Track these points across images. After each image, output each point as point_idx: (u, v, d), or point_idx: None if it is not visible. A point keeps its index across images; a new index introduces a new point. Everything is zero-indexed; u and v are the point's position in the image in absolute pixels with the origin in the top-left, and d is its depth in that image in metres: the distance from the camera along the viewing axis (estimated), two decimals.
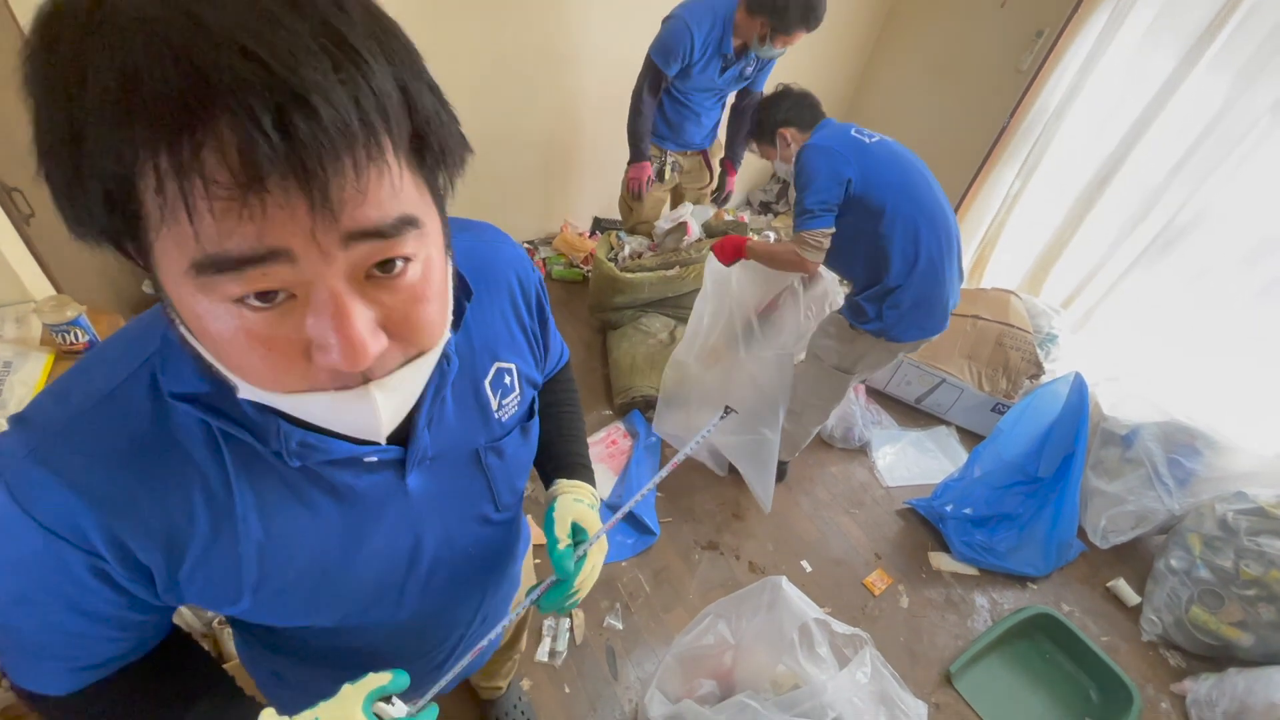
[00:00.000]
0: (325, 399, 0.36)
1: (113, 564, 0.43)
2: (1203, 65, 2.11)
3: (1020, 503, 2.03)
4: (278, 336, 0.33)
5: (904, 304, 1.59)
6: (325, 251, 0.31)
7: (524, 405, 0.62)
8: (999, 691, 1.71)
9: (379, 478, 0.51)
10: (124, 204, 0.29)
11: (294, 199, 0.29)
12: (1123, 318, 2.49)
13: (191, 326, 0.35)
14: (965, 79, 2.84)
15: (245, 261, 0.30)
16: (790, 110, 1.63)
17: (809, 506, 2.14)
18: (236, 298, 0.32)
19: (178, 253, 0.30)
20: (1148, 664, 1.83)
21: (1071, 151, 2.55)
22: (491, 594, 0.73)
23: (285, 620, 0.54)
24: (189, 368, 0.41)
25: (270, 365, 0.34)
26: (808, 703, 1.19)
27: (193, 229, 0.29)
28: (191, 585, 0.46)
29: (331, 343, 0.33)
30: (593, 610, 1.73)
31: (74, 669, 0.49)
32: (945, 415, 2.53)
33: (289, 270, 0.31)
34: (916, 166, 1.57)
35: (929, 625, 1.84)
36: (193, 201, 0.28)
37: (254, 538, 0.46)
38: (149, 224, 0.30)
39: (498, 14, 2.29)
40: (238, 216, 0.29)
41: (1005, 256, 2.89)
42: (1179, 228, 2.25)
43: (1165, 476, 1.99)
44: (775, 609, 1.32)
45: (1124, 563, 2.08)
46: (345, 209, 0.31)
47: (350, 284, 0.33)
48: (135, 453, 0.41)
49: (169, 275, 0.32)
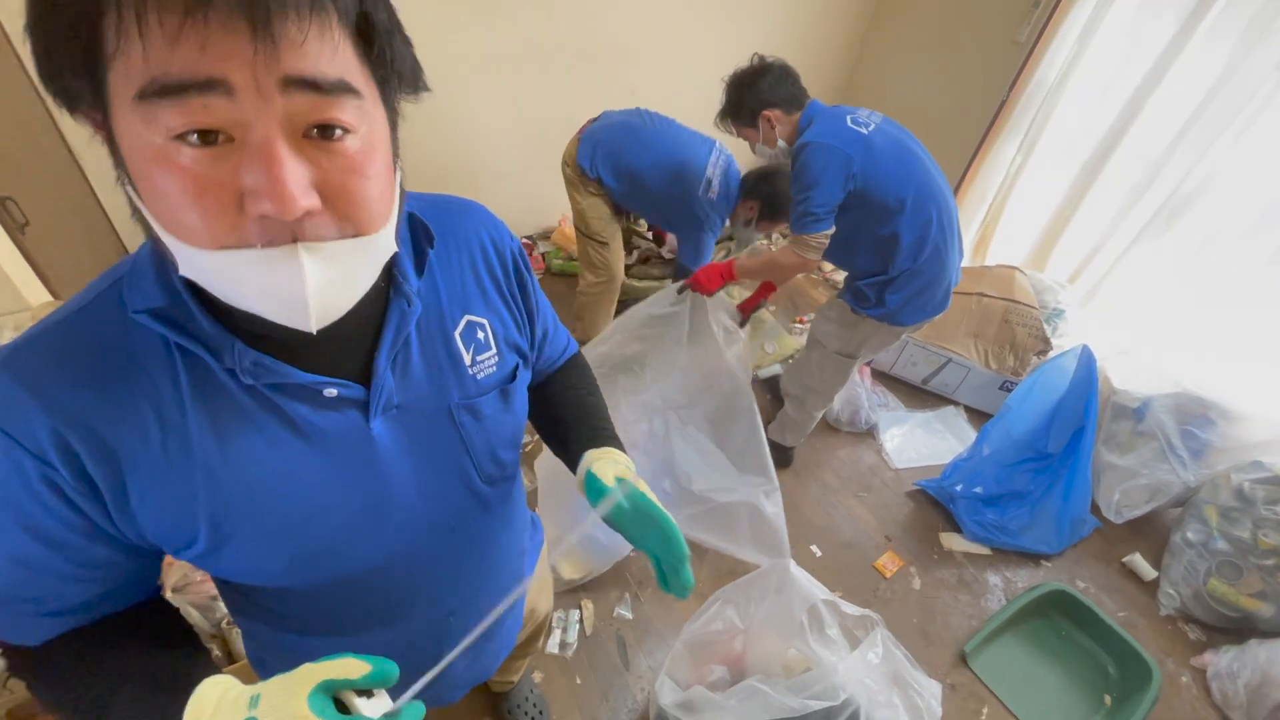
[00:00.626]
0: (254, 256, 0.36)
1: (62, 472, 0.43)
2: (1203, 29, 2.07)
3: (1031, 480, 2.01)
4: (212, 179, 0.35)
5: (908, 289, 1.55)
6: (263, 91, 0.33)
7: (504, 368, 0.61)
8: (1015, 670, 1.69)
9: (340, 417, 0.50)
10: (86, 39, 0.32)
11: (236, 24, 0.31)
12: (1130, 290, 2.45)
13: (135, 175, 0.36)
14: (962, 52, 2.80)
15: (186, 87, 0.32)
16: (773, 88, 1.49)
17: (817, 491, 2.12)
18: (177, 133, 0.33)
19: (127, 84, 0.32)
20: (1166, 638, 1.80)
21: (1073, 123, 2.51)
22: (476, 576, 0.69)
23: (250, 573, 0.52)
24: (151, 284, 0.43)
25: (203, 213, 0.35)
26: (819, 685, 1.18)
27: (142, 48, 0.31)
28: (144, 511, 0.46)
29: (262, 187, 0.34)
30: (602, 601, 1.72)
31: (41, 613, 0.48)
32: (952, 395, 2.50)
33: (227, 105, 0.33)
34: (915, 151, 1.50)
35: (942, 606, 1.82)
36: (145, 17, 0.30)
37: (206, 461, 0.46)
38: (106, 60, 0.32)
39: (492, 9, 2.27)
40: (184, 38, 0.31)
41: (1009, 232, 2.85)
42: (1184, 197, 2.21)
43: (1179, 448, 1.96)
44: (784, 592, 1.31)
45: (1139, 537, 2.05)
46: (284, 47, 0.33)
47: (286, 135, 0.35)
48: (93, 363, 0.43)
49: (120, 116, 0.34)
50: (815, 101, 1.53)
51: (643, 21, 2.59)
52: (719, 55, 2.81)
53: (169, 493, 0.46)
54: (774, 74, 1.51)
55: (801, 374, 1.89)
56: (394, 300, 0.51)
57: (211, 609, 1.30)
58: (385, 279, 0.50)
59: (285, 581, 0.54)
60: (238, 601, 0.62)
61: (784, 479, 2.12)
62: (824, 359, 1.80)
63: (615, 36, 2.57)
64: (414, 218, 0.54)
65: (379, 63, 0.38)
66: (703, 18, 2.72)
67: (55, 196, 1.75)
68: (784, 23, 2.93)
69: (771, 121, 1.52)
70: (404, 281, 0.51)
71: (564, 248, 2.94)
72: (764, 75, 1.50)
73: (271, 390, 0.47)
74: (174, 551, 0.49)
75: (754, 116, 1.54)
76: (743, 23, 2.83)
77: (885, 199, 1.43)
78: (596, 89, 2.67)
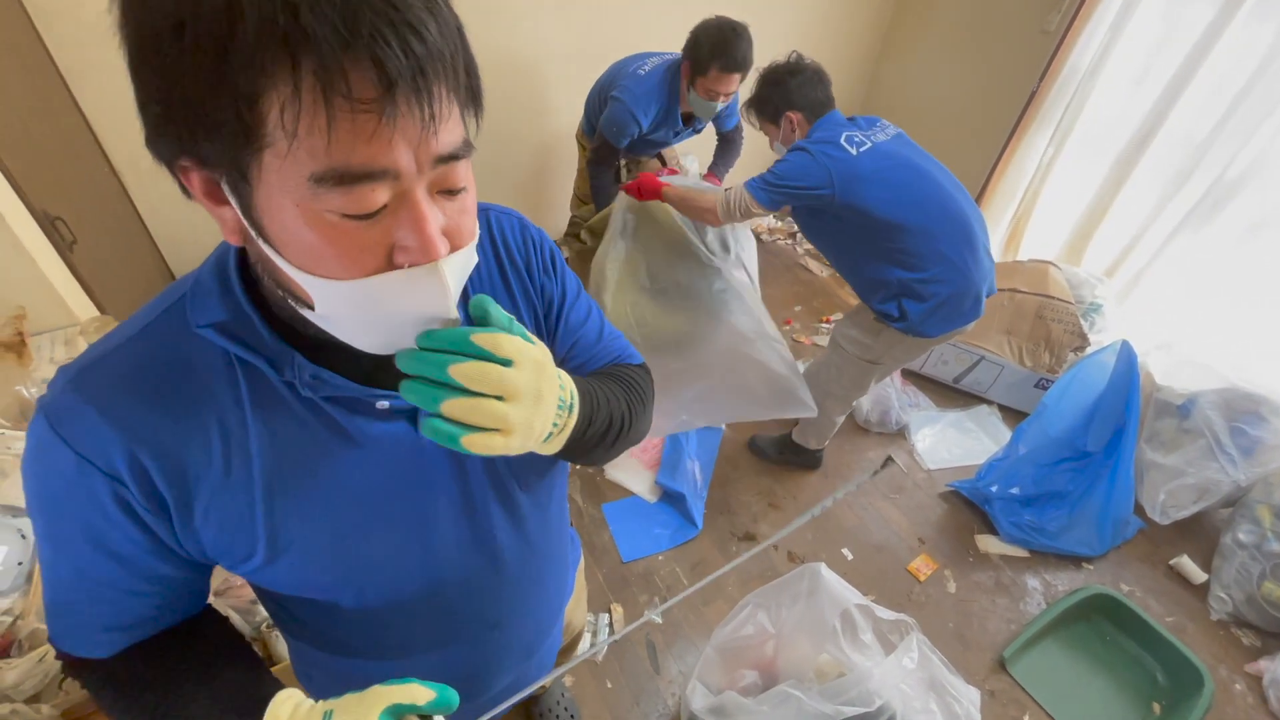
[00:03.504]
0: (398, 276, 0.39)
1: (133, 490, 0.45)
2: (1245, 11, 1.99)
3: (1070, 480, 1.95)
4: (367, 241, 0.38)
5: (928, 302, 1.52)
6: (421, 170, 0.37)
7: None
8: (1057, 676, 1.64)
9: (392, 427, 0.51)
10: (248, 118, 0.33)
11: (412, 113, 0.35)
12: (1172, 282, 2.36)
13: (279, 232, 0.38)
14: (989, 43, 2.74)
15: (363, 176, 0.35)
16: (800, 90, 1.52)
17: (849, 494, 2.09)
18: (345, 214, 0.36)
19: (296, 167, 0.34)
20: (1218, 644, 1.73)
21: (1107, 112, 2.44)
22: (520, 585, 0.68)
23: (304, 585, 0.54)
24: (215, 300, 0.45)
25: (355, 263, 0.39)
26: (853, 690, 1.16)
27: (327, 141, 0.33)
28: (207, 527, 0.47)
29: (412, 244, 0.39)
30: (632, 604, 1.72)
31: (104, 628, 0.51)
32: (985, 394, 2.45)
33: (393, 186, 0.37)
34: (921, 166, 1.50)
35: (979, 610, 1.78)
36: (333, 114, 0.33)
37: (265, 474, 0.47)
38: (260, 141, 0.34)
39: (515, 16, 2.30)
40: (369, 131, 0.34)
41: (1042, 226, 2.78)
42: (1228, 184, 2.13)
43: (1228, 446, 1.89)
44: (815, 596, 1.29)
45: (1187, 539, 1.98)
46: (441, 132, 0.37)
47: (429, 197, 0.39)
48: (160, 382, 0.45)
49: (272, 189, 0.36)
50: (835, 112, 1.55)
51: (661, 22, 2.59)
52: None
53: (231, 507, 0.47)
54: (805, 75, 1.52)
55: (820, 377, 1.87)
56: None
57: (252, 612, 1.33)
58: None
59: (336, 595, 0.55)
60: (286, 620, 0.63)
61: (812, 481, 2.11)
62: (844, 363, 1.78)
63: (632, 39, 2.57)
64: None
65: (472, 110, 0.41)
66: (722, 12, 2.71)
67: (100, 215, 1.82)
68: (805, 16, 2.90)
69: (793, 124, 1.55)
70: None
71: None
72: (795, 75, 1.52)
73: (328, 403, 0.48)
74: (231, 565, 0.50)
75: (778, 114, 1.56)
76: (764, 19, 2.81)
77: (879, 214, 1.45)
78: None
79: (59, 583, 0.50)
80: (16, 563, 1.05)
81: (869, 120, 1.55)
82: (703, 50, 1.77)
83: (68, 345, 1.43)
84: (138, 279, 1.99)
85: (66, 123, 1.75)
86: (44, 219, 1.40)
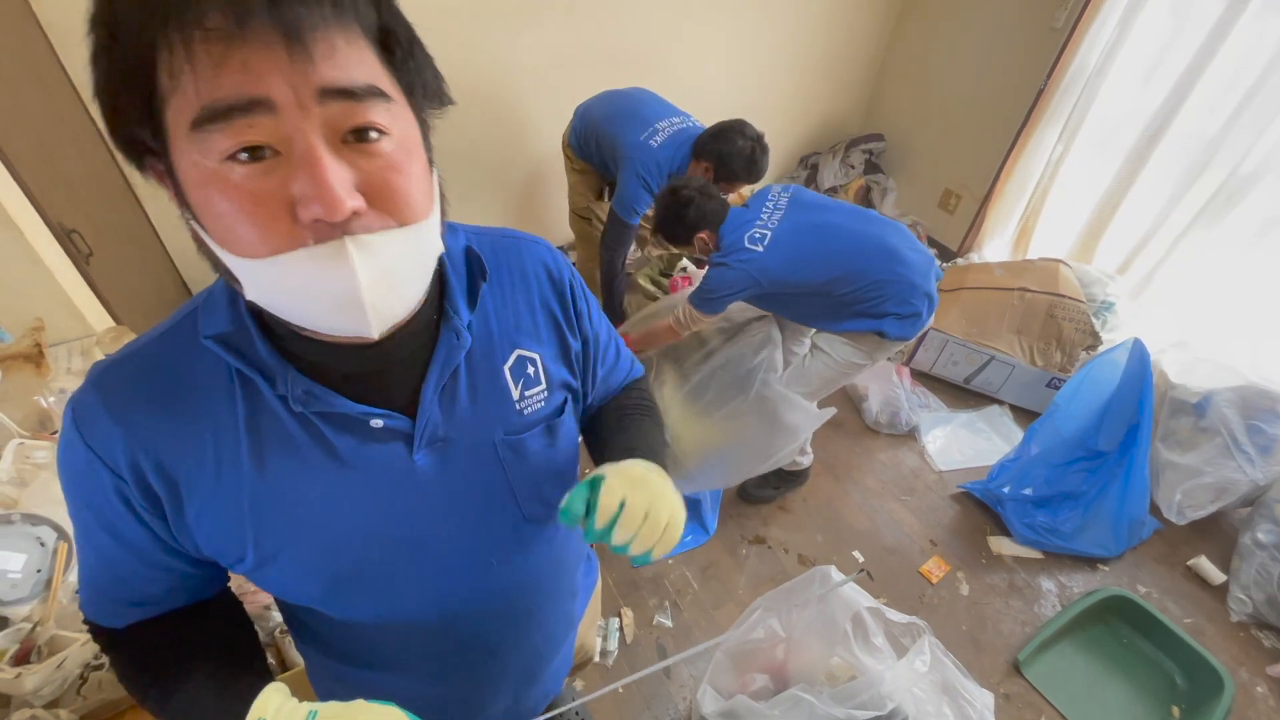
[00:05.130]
0: (304, 255, 0.38)
1: (132, 488, 0.47)
2: (1256, 4, 1.96)
3: (1084, 480, 1.93)
4: (263, 192, 0.37)
5: (897, 317, 1.61)
6: (303, 104, 0.36)
7: (552, 403, 0.60)
8: (1074, 679, 1.62)
9: (385, 448, 0.51)
10: (144, 85, 0.35)
11: (273, 44, 0.34)
12: (1186, 279, 2.33)
13: (195, 204, 0.39)
14: (996, 41, 2.72)
15: (233, 109, 0.34)
16: (699, 213, 1.64)
17: (858, 496, 2.08)
18: (228, 154, 0.36)
19: (182, 117, 0.35)
20: (1239, 646, 1.70)
21: (1116, 109, 2.41)
22: (518, 614, 0.68)
23: (293, 592, 0.55)
24: (222, 311, 0.47)
25: (258, 224, 0.37)
26: (865, 694, 1.15)
27: (194, 79, 0.34)
28: (200, 528, 0.50)
29: (310, 192, 0.36)
30: (642, 609, 1.72)
31: (118, 601, 0.55)
32: (996, 394, 2.43)
33: (271, 121, 0.35)
34: (816, 224, 1.60)
35: (993, 612, 1.76)
36: (193, 50, 0.33)
37: (252, 484, 0.49)
38: (162, 101, 0.35)
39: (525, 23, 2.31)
40: (229, 63, 0.34)
41: (1051, 224, 2.75)
42: (1243, 178, 2.10)
43: (1245, 444, 1.86)
44: (826, 599, 1.29)
45: (1204, 539, 1.95)
46: (317, 59, 0.35)
47: (327, 142, 0.37)
48: (165, 386, 0.47)
49: (178, 151, 0.37)
50: (732, 211, 1.66)
51: (671, 25, 2.60)
52: (749, 53, 2.82)
53: (221, 512, 0.49)
54: (696, 201, 1.64)
55: (797, 380, 1.85)
56: (444, 333, 0.52)
57: (265, 618, 1.35)
58: (436, 311, 0.51)
59: (325, 606, 0.56)
60: (292, 623, 0.66)
61: (824, 483, 2.10)
62: (831, 373, 1.78)
63: (643, 44, 2.58)
64: (470, 251, 0.55)
65: (403, 70, 0.41)
66: (730, 16, 2.71)
67: (116, 228, 1.85)
68: (811, 13, 2.90)
69: (705, 240, 1.67)
70: (454, 315, 0.52)
71: None
72: (688, 206, 1.64)
73: (320, 419, 0.49)
74: (228, 565, 0.53)
75: (690, 239, 1.69)
76: (771, 17, 2.81)
77: (809, 283, 1.59)
78: None
79: (85, 558, 0.54)
80: (35, 570, 1.06)
81: (758, 202, 1.65)
82: (736, 167, 1.88)
83: (84, 356, 1.45)
84: (152, 290, 2.02)
85: (82, 138, 1.78)
86: (61, 232, 1.43)
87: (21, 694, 1.01)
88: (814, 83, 3.14)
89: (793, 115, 3.22)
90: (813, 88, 3.16)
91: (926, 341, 2.40)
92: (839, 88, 3.25)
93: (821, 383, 1.82)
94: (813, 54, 3.02)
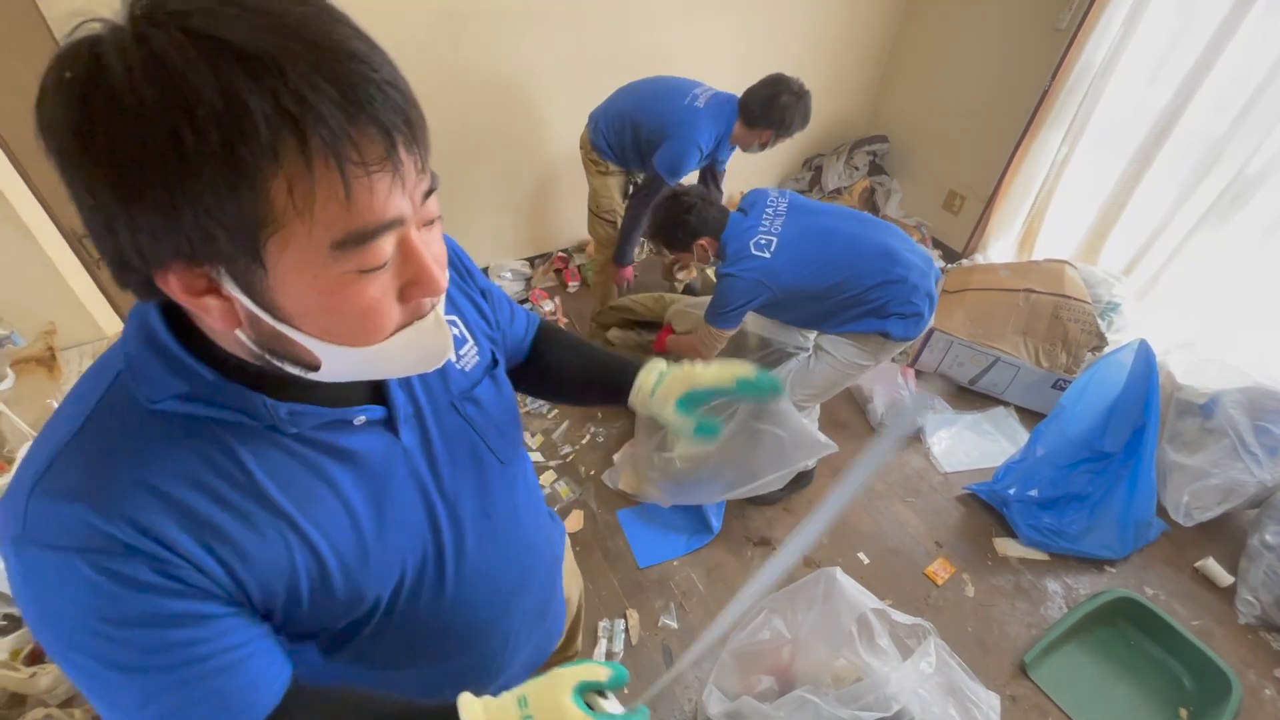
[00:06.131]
0: (413, 332, 0.44)
1: (170, 560, 0.41)
2: (1262, 2, 1.96)
3: (1090, 481, 1.92)
4: (384, 291, 0.41)
5: (901, 317, 1.63)
6: (417, 210, 0.40)
7: (484, 355, 0.66)
8: (1080, 681, 1.61)
9: (375, 439, 0.53)
10: (257, 210, 0.34)
11: (411, 162, 0.38)
12: (1193, 280, 2.32)
13: (294, 311, 0.39)
14: (999, 42, 2.72)
15: (379, 231, 0.38)
16: (700, 219, 1.67)
17: (863, 497, 2.08)
18: (366, 268, 0.38)
19: (314, 240, 0.36)
20: (1247, 648, 1.70)
21: (1121, 109, 2.40)
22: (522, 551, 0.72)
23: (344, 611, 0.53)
24: (161, 373, 0.43)
25: (380, 319, 0.42)
26: (870, 695, 1.15)
27: (346, 207, 0.35)
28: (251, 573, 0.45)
29: (421, 279, 0.42)
30: (647, 610, 1.73)
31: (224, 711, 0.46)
32: (1002, 395, 2.42)
33: (399, 233, 0.40)
34: (817, 228, 1.63)
35: (998, 614, 1.76)
36: (349, 181, 0.35)
37: (290, 505, 0.47)
38: (271, 225, 0.35)
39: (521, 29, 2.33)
40: (384, 189, 0.36)
41: (1056, 225, 2.74)
42: (1249, 178, 2.09)
43: (1253, 446, 1.85)
44: (831, 601, 1.29)
45: (1212, 541, 1.94)
46: (426, 172, 0.40)
47: (420, 233, 0.42)
48: (132, 460, 0.42)
49: (288, 268, 0.37)
50: (733, 216, 1.68)
51: (674, 28, 2.61)
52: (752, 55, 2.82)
53: (269, 551, 0.46)
54: (697, 207, 1.68)
55: (798, 384, 1.86)
56: None
57: None
58: None
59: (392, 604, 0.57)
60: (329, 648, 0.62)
61: (828, 485, 2.09)
62: (835, 374, 1.79)
63: (646, 47, 2.59)
64: None
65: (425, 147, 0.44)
66: (734, 18, 2.72)
67: None
68: (814, 15, 2.90)
69: (705, 247, 1.70)
70: None
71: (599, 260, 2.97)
72: (690, 211, 1.68)
73: (315, 431, 0.49)
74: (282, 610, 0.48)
75: (689, 245, 1.72)
76: (774, 21, 2.82)
77: (814, 287, 1.61)
78: None
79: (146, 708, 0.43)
80: None
81: (757, 209, 1.66)
82: (796, 125, 1.98)
83: (95, 359, 1.47)
84: None
85: None
86: (73, 238, 1.45)
87: (36, 693, 1.02)
88: (817, 84, 3.11)
89: None
90: (816, 89, 3.12)
91: (931, 343, 2.39)
92: (843, 89, 3.25)
93: (826, 384, 1.82)
94: (816, 55, 3.02)
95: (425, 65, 2.16)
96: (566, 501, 1.98)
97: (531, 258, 2.94)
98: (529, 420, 2.25)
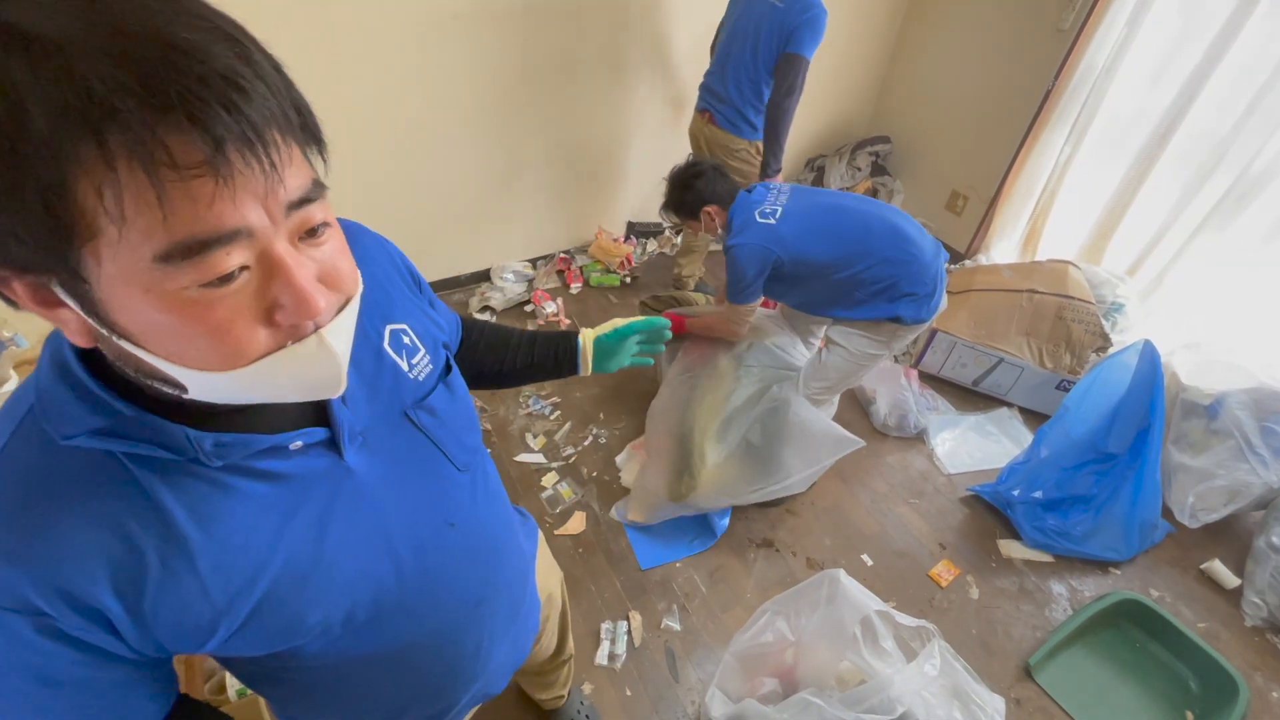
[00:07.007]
0: (285, 357, 0.39)
1: (61, 617, 0.41)
2: (1266, 2, 1.95)
3: (1094, 483, 1.92)
4: (237, 310, 0.36)
5: (913, 297, 1.63)
6: (275, 222, 0.36)
7: (438, 362, 0.64)
8: (1086, 684, 1.60)
9: (315, 461, 0.50)
10: (59, 211, 0.31)
11: (250, 168, 0.33)
12: (1197, 280, 2.31)
13: (135, 329, 0.36)
14: (1002, 43, 2.71)
15: (213, 242, 0.33)
16: (710, 187, 1.70)
17: (867, 499, 2.07)
18: (201, 283, 0.34)
19: (134, 251, 0.32)
20: (1254, 650, 1.69)
21: (1125, 109, 2.40)
22: (489, 556, 0.70)
23: (282, 639, 0.51)
24: (75, 407, 0.41)
25: (234, 341, 0.37)
26: (874, 698, 1.15)
27: (162, 215, 0.31)
28: (158, 620, 0.44)
29: (287, 301, 0.37)
30: (650, 612, 1.72)
31: None
32: (1005, 396, 2.41)
33: (246, 246, 0.35)
34: (826, 204, 1.65)
35: (1003, 616, 1.75)
36: (163, 186, 0.31)
37: (204, 550, 0.44)
38: (84, 232, 0.32)
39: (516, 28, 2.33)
40: (207, 195, 0.32)
41: (1060, 226, 2.74)
42: (1253, 178, 2.09)
43: (1259, 447, 1.84)
44: (834, 603, 1.29)
45: (1218, 542, 1.93)
46: (286, 178, 0.35)
47: (292, 247, 0.38)
48: (42, 502, 0.40)
49: (114, 280, 0.34)
50: (740, 194, 1.70)
51: (671, 32, 2.61)
52: None
53: (180, 593, 0.44)
54: (708, 174, 1.71)
55: (815, 375, 1.87)
56: None
57: None
58: None
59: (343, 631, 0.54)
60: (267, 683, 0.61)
61: (832, 486, 2.09)
62: (849, 366, 1.80)
63: (645, 49, 2.59)
64: None
65: (316, 145, 0.40)
66: None
67: None
68: None
69: (712, 215, 1.72)
70: None
71: (601, 260, 2.97)
72: (700, 177, 1.71)
73: (246, 460, 0.46)
74: (195, 647, 0.47)
75: (696, 211, 1.73)
76: None
77: (822, 259, 1.61)
78: (632, 101, 2.70)
79: None
80: None
81: (761, 189, 1.70)
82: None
83: None
84: None
85: None
86: None
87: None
88: (820, 84, 3.13)
89: (799, 117, 3.19)
90: (819, 89, 3.15)
91: (935, 344, 2.39)
92: (845, 89, 3.25)
93: (840, 376, 1.83)
94: (818, 54, 3.00)
95: (425, 68, 2.17)
96: (569, 503, 1.98)
97: (534, 259, 2.95)
98: (531, 422, 2.25)
